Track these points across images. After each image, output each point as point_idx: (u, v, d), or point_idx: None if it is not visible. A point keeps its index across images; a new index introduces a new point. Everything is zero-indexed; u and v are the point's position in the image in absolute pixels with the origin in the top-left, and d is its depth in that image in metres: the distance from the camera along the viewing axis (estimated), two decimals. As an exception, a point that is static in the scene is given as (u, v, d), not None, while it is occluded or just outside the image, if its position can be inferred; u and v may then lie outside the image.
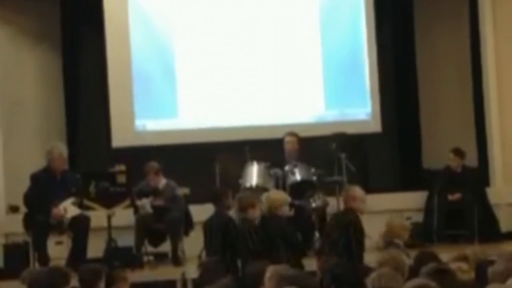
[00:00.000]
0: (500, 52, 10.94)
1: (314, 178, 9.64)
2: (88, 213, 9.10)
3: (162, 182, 9.54)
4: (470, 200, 10.22)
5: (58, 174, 9.11)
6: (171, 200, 9.38)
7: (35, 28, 10.97)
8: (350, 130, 10.57)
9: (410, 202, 10.47)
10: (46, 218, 8.85)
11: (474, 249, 6.38)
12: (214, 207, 8.44)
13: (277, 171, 9.63)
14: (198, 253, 9.03)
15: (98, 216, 9.12)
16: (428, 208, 10.49)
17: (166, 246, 9.49)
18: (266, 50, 11.14)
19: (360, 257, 7.64)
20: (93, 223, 9.05)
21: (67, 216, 8.91)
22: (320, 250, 8.14)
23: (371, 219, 8.48)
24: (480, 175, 10.75)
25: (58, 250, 9.18)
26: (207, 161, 9.95)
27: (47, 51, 11.09)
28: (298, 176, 9.58)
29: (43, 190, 8.94)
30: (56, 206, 8.88)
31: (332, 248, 8.12)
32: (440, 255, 6.53)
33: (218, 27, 11.06)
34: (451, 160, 10.48)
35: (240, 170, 9.65)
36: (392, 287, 4.88)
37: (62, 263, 8.51)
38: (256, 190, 9.17)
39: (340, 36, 11.29)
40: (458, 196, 10.29)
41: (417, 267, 5.51)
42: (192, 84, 11.00)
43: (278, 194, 8.34)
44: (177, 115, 10.96)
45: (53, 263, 8.60)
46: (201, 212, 9.05)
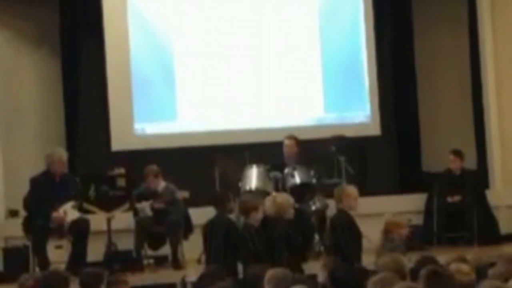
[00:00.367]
0: (499, 55, 10.95)
1: (314, 180, 9.63)
2: (88, 216, 9.10)
3: (161, 185, 9.53)
4: (469, 202, 10.21)
5: (57, 178, 9.11)
6: (170, 203, 9.37)
7: (34, 32, 10.97)
8: (350, 133, 10.56)
9: (409, 205, 10.46)
10: (45, 222, 8.84)
11: (474, 252, 6.38)
12: (215, 210, 8.42)
13: (276, 174, 9.62)
14: (197, 256, 9.03)
15: (97, 219, 9.13)
16: (427, 211, 10.49)
17: (166, 249, 9.47)
18: (265, 53, 11.15)
19: (356, 258, 7.61)
20: (92, 227, 9.04)
21: (67, 220, 8.91)
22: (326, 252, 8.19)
23: (370, 221, 8.48)
24: (479, 178, 10.75)
25: (58, 254, 9.14)
26: (207, 164, 9.95)
27: (46, 55, 11.08)
28: (297, 179, 9.57)
29: (42, 194, 8.94)
30: (56, 210, 8.88)
31: (328, 250, 8.16)
32: (440, 257, 6.53)
33: (217, 30, 11.07)
34: (450, 162, 10.47)
35: (240, 173, 9.64)
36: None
37: (62, 267, 8.48)
38: (256, 193, 9.18)
39: (339, 39, 11.31)
40: (458, 198, 10.28)
41: (418, 271, 5.50)
42: (191, 87, 11.01)
43: (284, 197, 8.28)
44: (176, 118, 10.96)
45: (53, 267, 8.58)
46: (200, 215, 9.04)
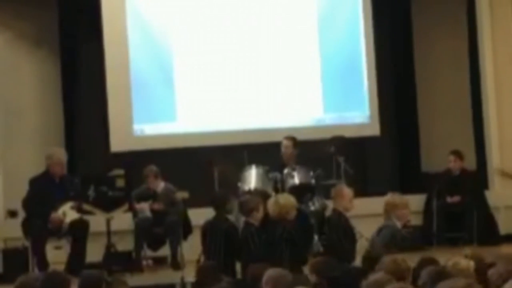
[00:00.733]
0: (498, 56, 10.95)
1: (313, 181, 9.62)
2: (87, 217, 9.10)
3: (161, 186, 9.53)
4: (469, 203, 10.21)
5: (57, 179, 9.10)
6: (170, 204, 9.36)
7: (34, 33, 10.97)
8: (349, 134, 10.55)
9: (409, 205, 10.43)
10: (44, 223, 8.84)
11: (472, 251, 6.35)
12: (214, 211, 8.41)
13: (276, 174, 9.61)
14: (197, 257, 9.02)
15: (97, 220, 9.12)
16: (427, 211, 10.49)
17: (165, 250, 9.48)
18: (264, 54, 11.15)
19: (349, 258, 7.60)
20: (92, 228, 9.03)
21: (66, 221, 8.91)
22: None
23: (370, 222, 8.49)
24: (479, 178, 10.75)
25: (57, 254, 9.13)
26: (206, 165, 9.92)
27: (45, 56, 11.08)
28: (296, 180, 9.56)
29: (42, 195, 8.93)
30: (55, 211, 8.87)
31: (326, 250, 8.17)
32: (439, 258, 6.53)
33: (216, 32, 11.07)
34: (450, 162, 10.46)
35: (239, 174, 9.64)
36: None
37: (61, 268, 8.45)
38: (255, 194, 9.18)
39: (339, 39, 11.31)
40: (457, 199, 10.27)
41: (419, 272, 5.49)
42: (190, 88, 11.01)
43: (286, 198, 8.21)
44: (175, 119, 10.96)
45: (52, 268, 8.57)
46: (200, 216, 9.03)
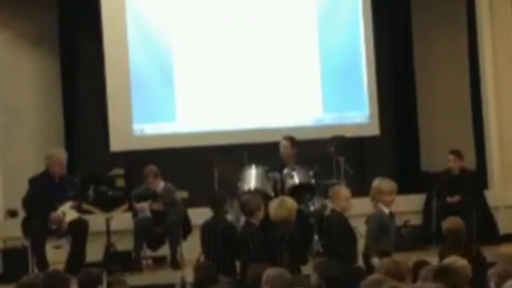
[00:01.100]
0: (498, 56, 10.96)
1: (313, 181, 9.62)
2: (87, 217, 9.10)
3: (160, 185, 9.54)
4: (469, 202, 10.20)
5: (56, 178, 9.10)
6: (169, 203, 9.36)
7: (33, 32, 10.96)
8: (348, 133, 10.55)
9: (408, 205, 10.45)
10: (44, 223, 8.84)
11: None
12: (212, 212, 8.42)
13: (275, 174, 9.60)
14: (196, 256, 9.02)
15: (96, 220, 9.13)
16: (426, 211, 10.49)
17: (164, 250, 9.48)
18: (264, 54, 11.14)
19: (349, 258, 7.61)
20: (91, 227, 9.03)
21: (66, 220, 8.91)
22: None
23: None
24: (478, 178, 10.75)
25: (57, 254, 9.14)
26: (205, 165, 9.93)
27: (45, 55, 11.08)
28: (296, 180, 9.55)
29: (41, 194, 8.92)
30: (55, 210, 8.87)
31: (325, 250, 8.16)
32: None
33: (216, 32, 11.06)
34: (450, 162, 10.46)
35: (239, 174, 9.64)
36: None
37: (61, 267, 8.46)
38: (255, 194, 9.17)
39: (338, 39, 11.31)
40: (457, 198, 10.27)
41: (415, 275, 5.50)
42: (190, 88, 11.00)
43: (292, 202, 8.12)
44: (175, 119, 10.95)
45: (51, 267, 8.58)
46: (199, 215, 9.02)
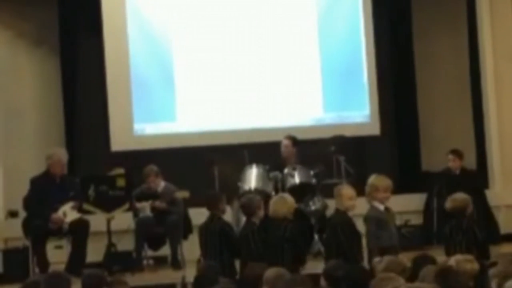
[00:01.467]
0: (498, 55, 10.95)
1: (313, 181, 9.62)
2: (88, 217, 9.10)
3: (161, 185, 9.53)
4: (469, 202, 10.19)
5: (57, 179, 9.11)
6: (170, 203, 9.36)
7: (33, 32, 10.97)
8: (349, 133, 10.54)
9: (409, 205, 10.46)
10: (45, 223, 8.84)
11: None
12: (208, 212, 8.41)
13: (276, 174, 9.60)
14: (197, 256, 9.02)
15: (97, 220, 9.12)
16: (427, 211, 10.49)
17: (165, 250, 9.47)
18: (264, 54, 11.15)
19: (354, 257, 7.59)
20: (92, 227, 9.04)
21: (66, 221, 8.91)
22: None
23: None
24: (479, 178, 10.75)
25: (58, 254, 9.14)
26: (206, 164, 9.92)
27: (45, 55, 11.08)
28: (297, 179, 9.54)
29: (42, 194, 8.93)
30: (56, 211, 8.87)
31: (327, 251, 8.15)
32: (440, 257, 6.54)
33: (216, 31, 11.07)
34: (450, 161, 10.45)
35: (239, 173, 9.64)
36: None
37: (61, 267, 8.47)
38: (255, 193, 9.17)
39: (338, 38, 11.31)
40: (457, 198, 10.26)
41: (415, 270, 5.49)
42: (191, 88, 11.01)
43: (290, 198, 8.14)
44: (175, 118, 10.95)
45: (52, 267, 8.59)
46: (200, 215, 9.00)
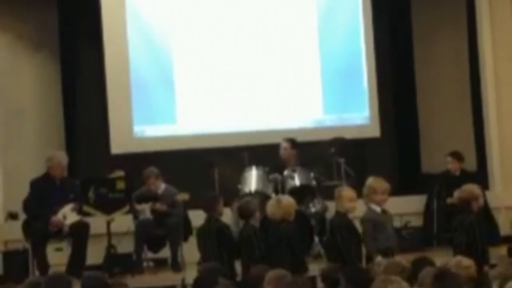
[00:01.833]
0: (498, 57, 10.95)
1: (313, 183, 9.62)
2: (88, 219, 9.09)
3: (161, 187, 9.53)
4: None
5: (57, 181, 9.11)
6: (170, 205, 9.36)
7: (34, 35, 10.97)
8: (349, 135, 10.54)
9: (409, 206, 10.46)
10: (45, 225, 8.84)
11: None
12: (206, 214, 8.40)
13: (276, 176, 9.59)
14: (197, 258, 9.02)
15: (97, 222, 9.11)
16: (427, 212, 10.49)
17: (165, 252, 9.47)
18: (264, 56, 11.16)
19: (354, 259, 7.59)
20: (92, 230, 9.03)
21: (66, 223, 8.91)
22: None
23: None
24: (479, 179, 10.73)
25: (58, 256, 9.14)
26: (206, 166, 9.92)
27: (45, 58, 11.09)
28: (297, 181, 9.54)
29: (42, 196, 8.93)
30: (55, 213, 8.87)
31: (328, 253, 8.15)
32: (440, 258, 6.54)
33: (216, 34, 11.08)
34: (449, 164, 10.46)
35: (239, 176, 9.64)
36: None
37: (61, 269, 8.47)
38: (255, 195, 9.18)
39: (338, 40, 11.32)
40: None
41: (414, 272, 5.50)
42: (191, 90, 11.02)
43: (288, 199, 8.14)
44: (175, 121, 10.96)
45: (52, 269, 8.58)
46: (200, 217, 8.97)
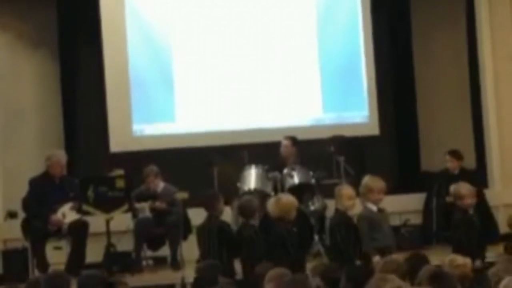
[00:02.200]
0: (497, 55, 10.96)
1: (313, 181, 9.61)
2: (87, 218, 9.09)
3: (160, 186, 9.53)
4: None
5: (56, 179, 9.11)
6: (170, 204, 9.36)
7: (33, 34, 10.96)
8: (348, 133, 10.55)
9: (408, 204, 10.47)
10: (44, 224, 8.84)
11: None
12: (206, 212, 8.40)
13: (275, 174, 9.59)
14: (196, 257, 9.02)
15: (97, 221, 9.11)
16: (426, 210, 10.49)
17: (165, 250, 9.48)
18: (263, 54, 11.15)
19: (351, 257, 7.59)
20: (92, 228, 9.04)
21: (66, 221, 8.91)
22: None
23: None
24: (478, 177, 10.74)
25: (57, 255, 9.13)
26: (205, 165, 9.92)
27: (44, 57, 11.08)
28: (296, 179, 9.53)
29: (41, 195, 8.94)
30: (55, 212, 8.87)
31: (328, 251, 8.15)
32: (439, 257, 6.54)
33: (215, 32, 11.07)
34: (447, 162, 10.47)
35: (238, 174, 9.64)
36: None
37: (61, 268, 8.45)
38: (255, 194, 9.18)
39: (338, 39, 11.32)
40: (456, 197, 10.27)
41: (410, 270, 5.50)
42: (190, 89, 11.01)
43: (288, 198, 8.13)
44: (174, 119, 10.96)
45: (52, 268, 8.59)
46: (199, 216, 8.97)
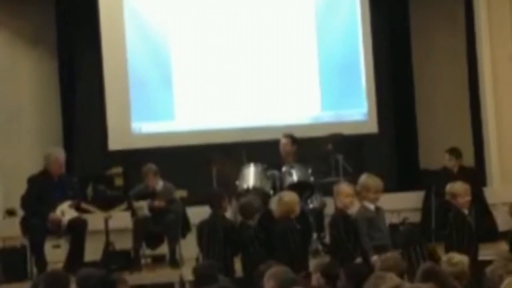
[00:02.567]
0: (496, 53, 10.96)
1: (311, 179, 9.61)
2: (86, 216, 9.08)
3: (159, 184, 9.53)
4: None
5: (55, 178, 9.10)
6: (169, 202, 9.36)
7: (31, 31, 10.96)
8: (347, 131, 10.55)
9: (407, 203, 10.48)
10: (43, 222, 8.83)
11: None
12: (211, 210, 8.41)
13: (274, 172, 9.58)
14: (195, 255, 9.02)
15: (95, 219, 9.10)
16: (425, 208, 10.50)
17: (163, 249, 9.48)
18: (262, 52, 11.15)
19: (350, 255, 7.59)
20: (90, 226, 9.03)
21: (64, 219, 8.90)
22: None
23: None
24: (477, 175, 10.75)
25: (56, 253, 9.13)
26: (204, 163, 9.92)
27: (43, 54, 11.08)
28: (295, 177, 9.53)
29: (40, 193, 8.93)
30: (53, 210, 8.86)
31: (327, 248, 8.15)
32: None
33: (213, 30, 11.07)
34: (447, 160, 10.47)
35: (237, 172, 9.63)
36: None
37: (59, 266, 8.47)
38: (253, 192, 9.18)
39: (336, 37, 11.31)
40: (455, 196, 10.27)
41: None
42: (188, 86, 11.01)
43: (291, 195, 8.14)
44: (173, 117, 10.96)
45: (50, 266, 8.58)
46: (198, 214, 9.02)
